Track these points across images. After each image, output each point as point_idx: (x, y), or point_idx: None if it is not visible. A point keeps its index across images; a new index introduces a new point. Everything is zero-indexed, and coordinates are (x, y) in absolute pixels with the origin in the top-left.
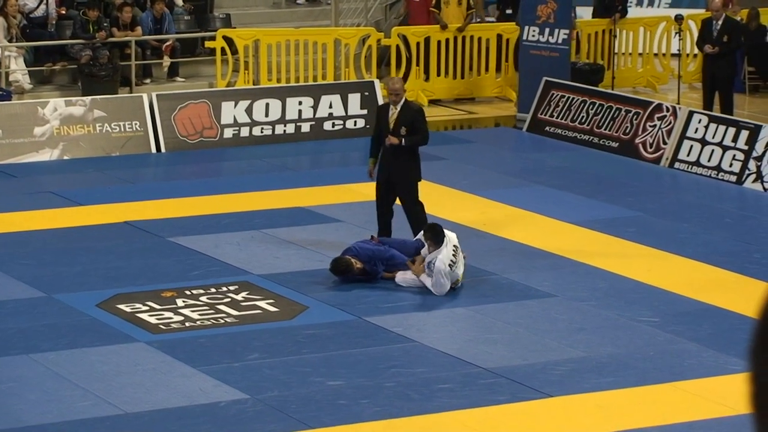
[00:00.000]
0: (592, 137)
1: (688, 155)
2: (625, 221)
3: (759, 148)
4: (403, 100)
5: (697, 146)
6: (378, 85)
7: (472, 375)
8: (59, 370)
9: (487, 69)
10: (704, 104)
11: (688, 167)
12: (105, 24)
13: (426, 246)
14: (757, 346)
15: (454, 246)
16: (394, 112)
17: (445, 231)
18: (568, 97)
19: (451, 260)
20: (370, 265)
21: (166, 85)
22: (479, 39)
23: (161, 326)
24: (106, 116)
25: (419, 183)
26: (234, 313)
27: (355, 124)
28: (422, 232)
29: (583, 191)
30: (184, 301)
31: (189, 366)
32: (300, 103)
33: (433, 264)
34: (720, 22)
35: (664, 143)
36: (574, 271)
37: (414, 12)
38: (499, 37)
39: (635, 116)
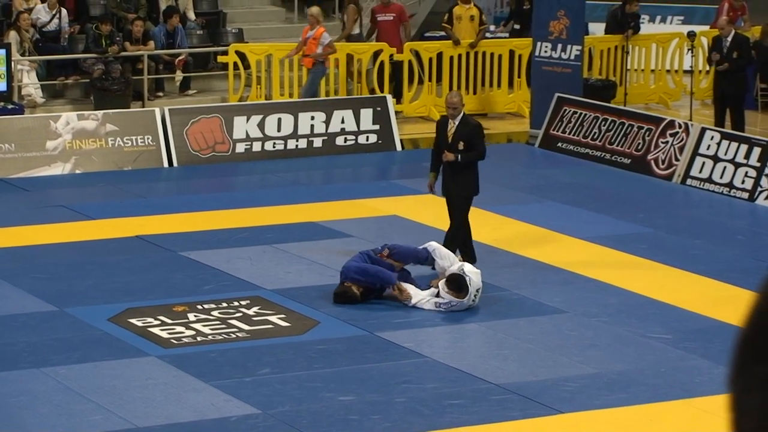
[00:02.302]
0: (604, 153)
1: (700, 172)
2: (636, 237)
3: None
4: (461, 114)
5: (709, 163)
6: (390, 101)
7: (483, 391)
8: (70, 384)
9: (499, 85)
10: (716, 121)
11: (700, 184)
12: (117, 38)
13: (440, 273)
14: (737, 372)
15: (477, 290)
16: (452, 127)
17: (471, 275)
18: (581, 113)
19: (471, 303)
20: (366, 283)
21: (179, 100)
22: (491, 55)
23: (173, 341)
24: (119, 130)
25: (473, 198)
26: (245, 327)
27: (367, 140)
28: (445, 280)
29: (595, 207)
30: (195, 316)
31: (200, 380)
32: (312, 118)
33: (450, 305)
34: (729, 39)
35: (677, 160)
36: (586, 287)
37: (382, 31)
38: (512, 53)
39: (647, 132)
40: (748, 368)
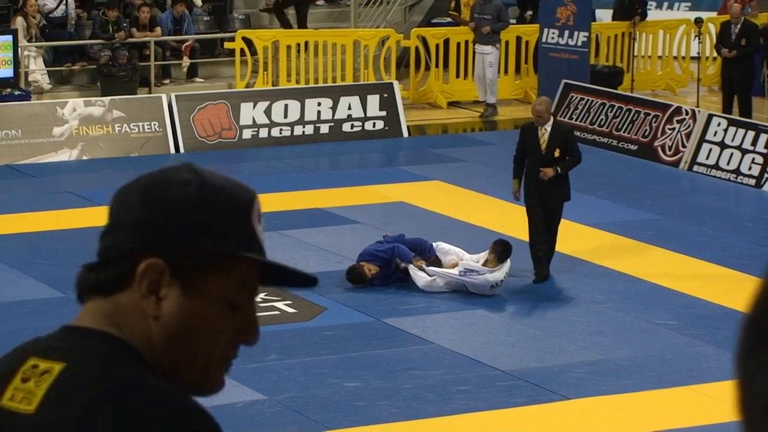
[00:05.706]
0: (611, 140)
1: (707, 158)
2: (643, 224)
3: None
4: (551, 119)
5: (716, 149)
6: (397, 87)
7: (489, 377)
8: None
9: (506, 71)
10: (723, 107)
11: (707, 170)
12: (124, 24)
13: (483, 257)
14: (743, 355)
15: (505, 275)
16: (544, 133)
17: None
18: (588, 100)
19: (496, 284)
20: (385, 269)
21: (185, 86)
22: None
23: None
24: (125, 117)
25: None
26: None
27: (373, 126)
28: (493, 243)
29: (602, 194)
30: None
31: None
32: (319, 104)
33: (476, 275)
34: (738, 26)
35: (683, 146)
36: (592, 273)
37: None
38: (519, 39)
39: (654, 119)
40: (754, 351)
